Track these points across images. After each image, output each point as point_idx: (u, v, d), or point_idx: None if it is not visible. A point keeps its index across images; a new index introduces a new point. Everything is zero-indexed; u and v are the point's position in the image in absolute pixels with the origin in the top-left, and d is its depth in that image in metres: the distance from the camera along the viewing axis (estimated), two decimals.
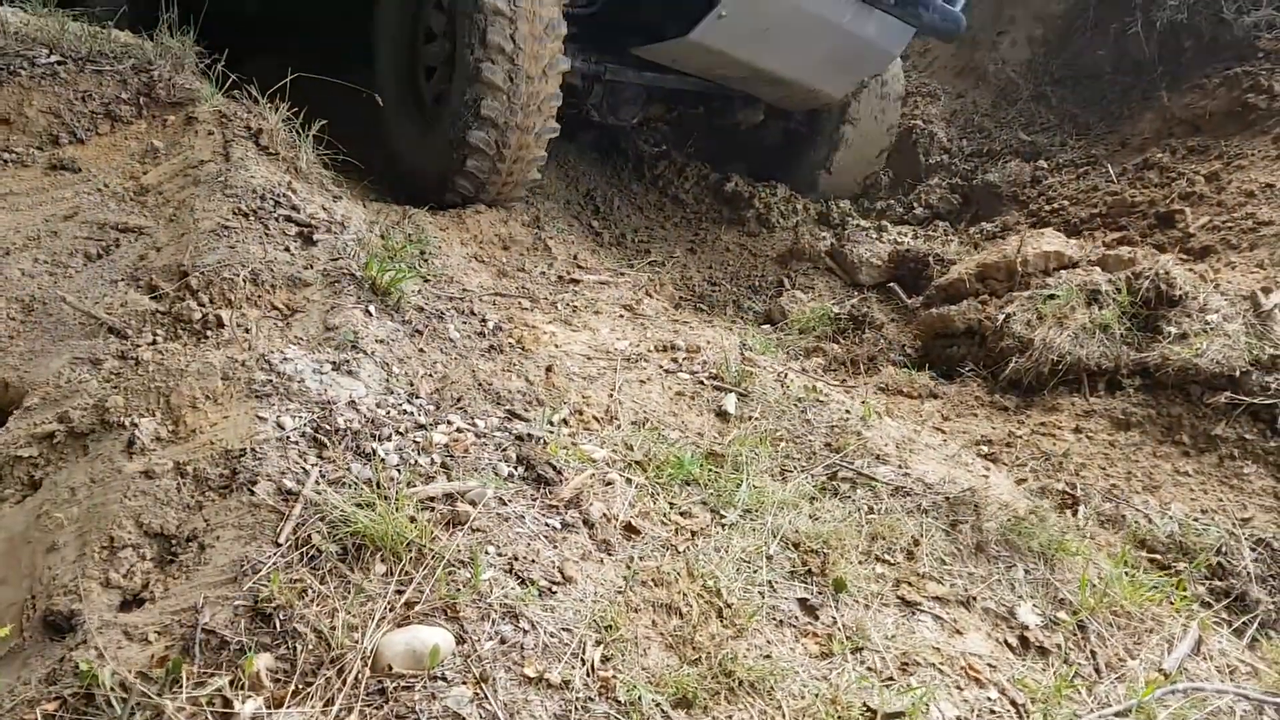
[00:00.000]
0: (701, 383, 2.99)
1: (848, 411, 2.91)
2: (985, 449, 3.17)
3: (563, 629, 1.79)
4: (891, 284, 4.63)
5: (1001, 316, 3.60)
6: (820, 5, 4.50)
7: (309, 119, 3.44)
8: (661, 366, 3.05)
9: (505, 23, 3.90)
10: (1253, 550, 2.68)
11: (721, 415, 2.83)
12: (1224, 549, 2.68)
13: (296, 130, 3.43)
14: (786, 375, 3.14)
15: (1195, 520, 2.79)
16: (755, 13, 4.39)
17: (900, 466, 2.65)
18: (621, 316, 3.59)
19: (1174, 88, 5.45)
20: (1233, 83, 5.08)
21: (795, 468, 2.58)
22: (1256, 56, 5.14)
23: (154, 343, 2.38)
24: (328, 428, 2.13)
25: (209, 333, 2.44)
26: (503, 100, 3.97)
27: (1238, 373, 3.13)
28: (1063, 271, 3.77)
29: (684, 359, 3.16)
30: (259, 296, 2.62)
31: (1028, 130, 6.05)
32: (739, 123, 5.82)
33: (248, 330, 2.47)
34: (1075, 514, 2.79)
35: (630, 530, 2.15)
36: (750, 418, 2.81)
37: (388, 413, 2.29)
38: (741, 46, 4.57)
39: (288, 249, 2.84)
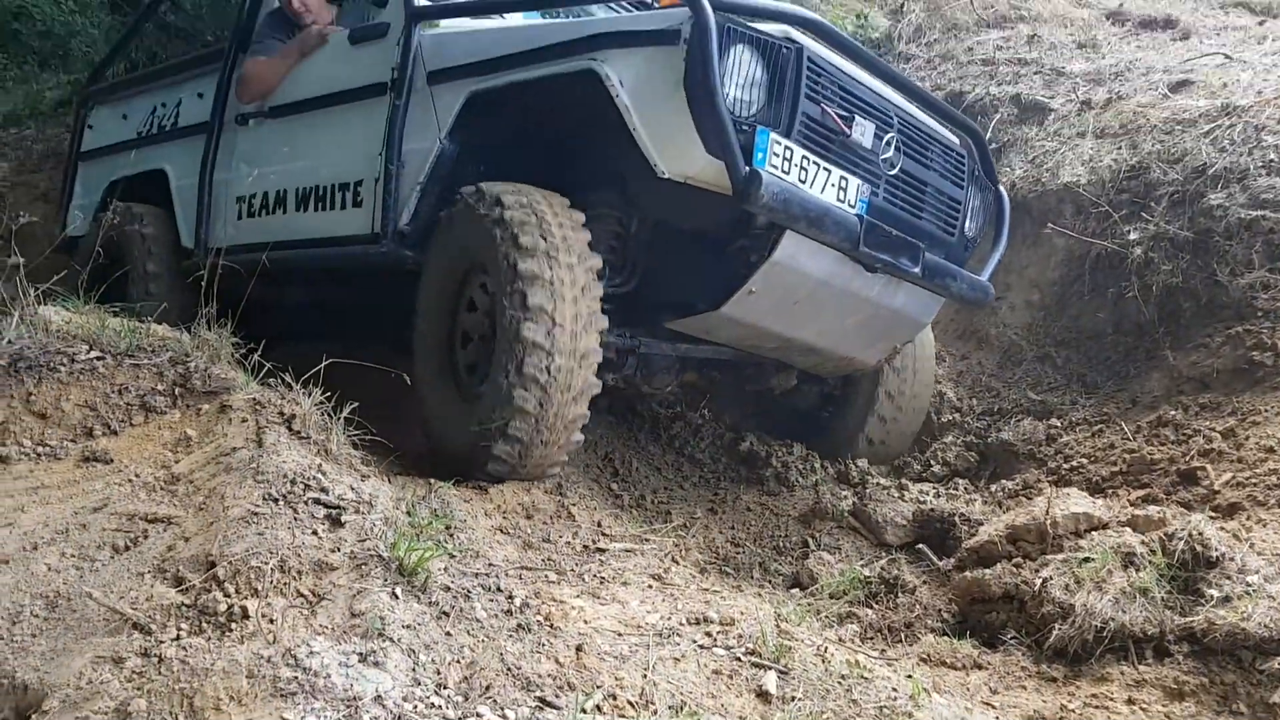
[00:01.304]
0: (739, 659, 2.87)
1: (894, 689, 2.78)
2: None
3: None
4: (920, 545, 4.55)
5: (1039, 581, 3.51)
6: (849, 280, 4.56)
7: (342, 400, 3.51)
8: (695, 641, 2.95)
9: (543, 355, 4.00)
10: None
11: (762, 695, 2.70)
12: None
13: (328, 413, 3.50)
14: (826, 649, 3.03)
15: None
16: (785, 288, 4.46)
17: None
18: (650, 586, 3.51)
19: (1178, 346, 5.55)
20: (1236, 341, 5.19)
21: None
22: (1256, 315, 5.25)
23: (178, 638, 2.32)
24: None
25: (234, 625, 2.39)
26: (531, 422, 4.06)
27: None
28: (1094, 533, 3.70)
29: (718, 632, 3.06)
30: (285, 584, 2.58)
31: (1036, 390, 6.11)
32: (773, 388, 5.85)
33: (273, 620, 2.41)
34: None
35: None
36: (793, 698, 2.68)
37: (414, 706, 2.20)
38: (772, 320, 4.64)
39: (315, 532, 2.83)
